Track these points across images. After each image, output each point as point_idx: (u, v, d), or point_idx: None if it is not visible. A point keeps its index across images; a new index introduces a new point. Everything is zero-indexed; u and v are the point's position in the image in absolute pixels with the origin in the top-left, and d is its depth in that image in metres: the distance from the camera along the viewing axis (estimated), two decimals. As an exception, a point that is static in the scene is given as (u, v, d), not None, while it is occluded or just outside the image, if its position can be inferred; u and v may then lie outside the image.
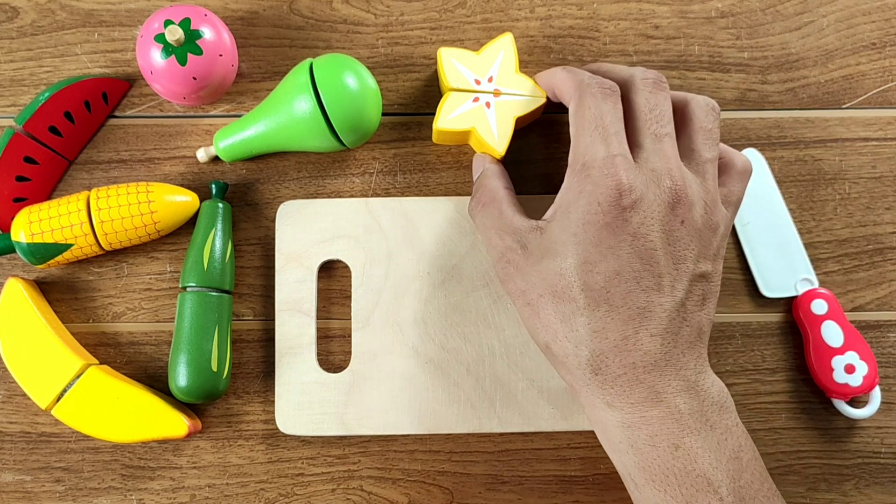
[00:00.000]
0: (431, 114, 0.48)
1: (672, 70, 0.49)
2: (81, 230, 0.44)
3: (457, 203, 0.47)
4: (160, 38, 0.43)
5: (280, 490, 0.46)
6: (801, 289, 0.47)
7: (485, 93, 0.43)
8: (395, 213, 0.47)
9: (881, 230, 0.48)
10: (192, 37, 0.44)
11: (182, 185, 0.47)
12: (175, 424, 0.43)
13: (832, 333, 0.45)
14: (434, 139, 0.46)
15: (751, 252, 0.47)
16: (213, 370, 0.43)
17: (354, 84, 0.43)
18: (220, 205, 0.46)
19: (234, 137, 0.46)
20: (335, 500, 0.46)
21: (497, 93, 0.43)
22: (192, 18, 0.44)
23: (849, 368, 0.45)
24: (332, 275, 0.47)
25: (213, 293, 0.44)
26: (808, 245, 0.47)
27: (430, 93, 0.48)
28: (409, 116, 0.48)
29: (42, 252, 0.44)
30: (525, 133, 0.47)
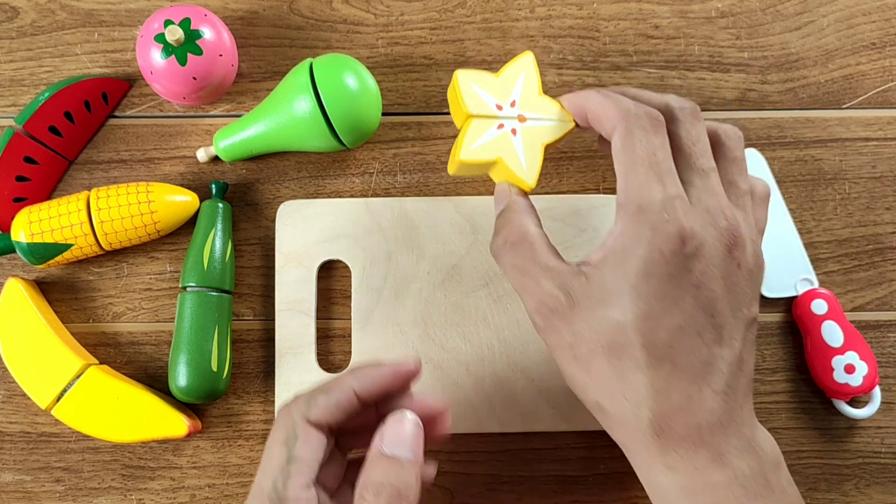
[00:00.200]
0: (431, 114, 0.48)
1: (672, 70, 0.49)
2: (81, 230, 0.44)
3: (457, 203, 0.47)
4: (160, 38, 0.44)
5: (280, 490, 0.46)
6: (801, 289, 0.47)
7: (509, 118, 0.39)
8: (395, 213, 0.47)
9: (881, 230, 0.48)
10: (192, 37, 0.44)
11: (182, 185, 0.47)
12: (175, 424, 0.43)
13: (832, 333, 0.45)
14: (451, 171, 0.41)
15: (751, 252, 0.47)
16: (213, 370, 0.43)
17: (354, 84, 0.43)
18: (220, 205, 0.46)
19: (234, 137, 0.46)
20: (335, 500, 0.46)
21: (522, 118, 0.39)
22: (192, 18, 0.44)
23: (849, 368, 0.45)
24: (332, 275, 0.47)
25: (213, 293, 0.44)
26: (808, 245, 0.47)
27: (430, 93, 0.48)
28: (409, 116, 0.48)
29: (42, 252, 0.44)
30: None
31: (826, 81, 0.49)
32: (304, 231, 0.46)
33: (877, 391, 0.46)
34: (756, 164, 0.48)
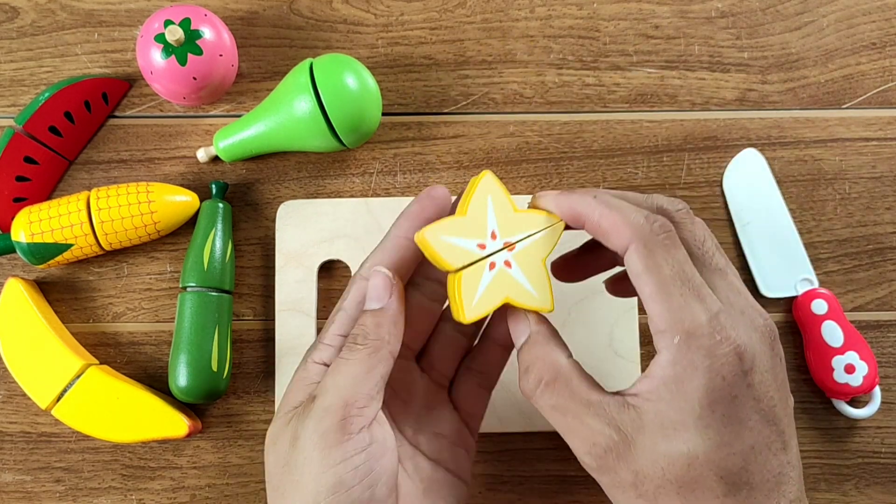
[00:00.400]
0: (431, 114, 0.48)
1: (672, 70, 0.49)
2: (81, 230, 0.44)
3: (457, 203, 0.46)
4: (160, 38, 0.44)
5: (280, 490, 0.46)
6: (801, 289, 0.47)
7: (496, 252, 0.35)
8: (395, 213, 0.46)
9: (881, 230, 0.48)
10: (192, 37, 0.44)
11: (182, 185, 0.47)
12: (175, 424, 0.43)
13: (832, 333, 0.45)
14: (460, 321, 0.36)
15: (751, 252, 0.47)
16: (213, 370, 0.43)
17: (354, 84, 0.43)
18: (220, 205, 0.46)
19: (234, 137, 0.46)
20: (335, 500, 0.46)
21: (509, 246, 0.35)
22: (192, 18, 0.44)
23: (849, 368, 0.45)
24: (332, 275, 0.47)
25: (213, 293, 0.44)
26: (808, 245, 0.47)
27: (430, 93, 0.48)
28: (409, 116, 0.48)
29: (42, 252, 0.44)
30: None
31: (826, 81, 0.49)
32: (305, 231, 0.46)
33: (877, 391, 0.46)
34: (756, 164, 0.48)
